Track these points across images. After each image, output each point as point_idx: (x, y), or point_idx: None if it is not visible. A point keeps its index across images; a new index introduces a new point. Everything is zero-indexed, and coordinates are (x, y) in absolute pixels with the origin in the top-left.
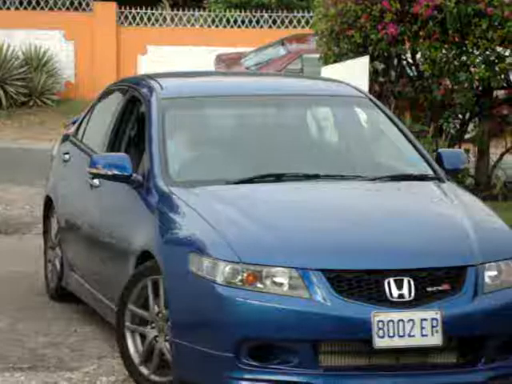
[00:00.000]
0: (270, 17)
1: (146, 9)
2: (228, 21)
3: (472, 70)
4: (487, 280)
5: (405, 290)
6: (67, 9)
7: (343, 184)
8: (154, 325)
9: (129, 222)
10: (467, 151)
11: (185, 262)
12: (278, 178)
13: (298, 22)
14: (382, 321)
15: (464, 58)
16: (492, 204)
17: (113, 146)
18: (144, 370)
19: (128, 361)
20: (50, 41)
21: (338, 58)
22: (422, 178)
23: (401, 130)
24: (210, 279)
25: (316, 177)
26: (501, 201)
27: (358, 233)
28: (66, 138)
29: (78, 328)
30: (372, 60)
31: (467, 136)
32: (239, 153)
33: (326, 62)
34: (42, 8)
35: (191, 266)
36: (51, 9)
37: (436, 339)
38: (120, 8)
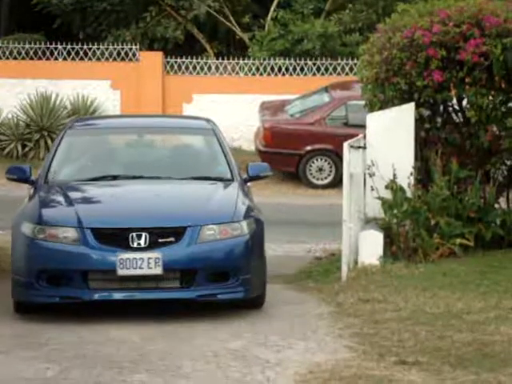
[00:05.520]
0: (314, 64)
1: (192, 58)
2: (272, 69)
3: None
4: (203, 236)
5: (142, 241)
6: (114, 59)
7: (153, 181)
8: None
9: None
10: None
11: (20, 226)
12: (114, 177)
13: (342, 69)
14: (122, 258)
15: (511, 104)
16: None
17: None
18: None
19: None
20: (97, 90)
21: (384, 104)
22: (218, 179)
23: (224, 152)
24: (29, 236)
25: (140, 177)
26: None
27: (122, 206)
28: None
29: (128, 377)
30: (417, 107)
31: None
32: (100, 163)
33: (372, 109)
34: (89, 59)
35: (22, 229)
36: (98, 59)
37: (157, 270)
38: (166, 57)
